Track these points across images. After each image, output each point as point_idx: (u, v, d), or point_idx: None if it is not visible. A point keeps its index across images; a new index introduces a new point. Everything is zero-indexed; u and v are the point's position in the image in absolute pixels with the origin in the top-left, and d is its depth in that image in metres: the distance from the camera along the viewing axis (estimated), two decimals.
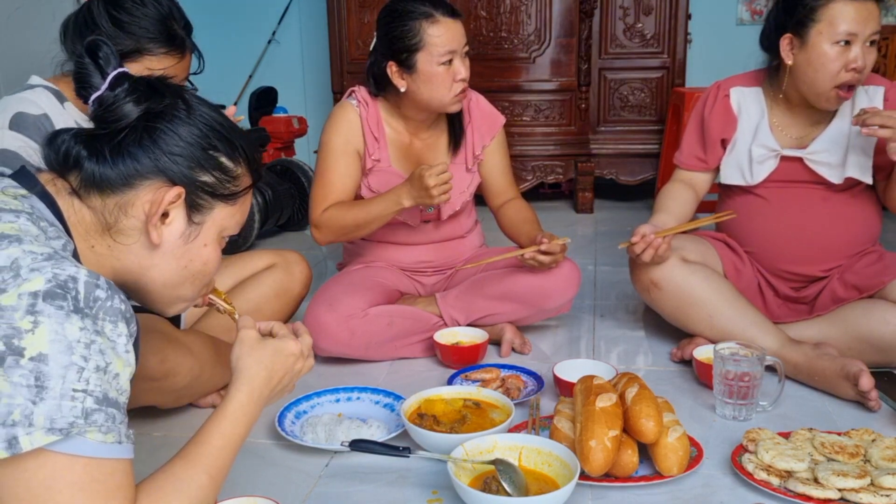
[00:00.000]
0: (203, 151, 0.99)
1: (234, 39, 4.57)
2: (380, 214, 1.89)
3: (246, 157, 1.04)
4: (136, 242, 0.97)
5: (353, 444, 1.36)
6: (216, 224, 1.02)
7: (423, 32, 1.84)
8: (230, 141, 1.02)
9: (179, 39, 1.58)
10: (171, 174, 0.96)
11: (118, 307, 0.85)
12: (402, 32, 1.86)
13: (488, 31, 3.66)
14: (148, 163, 0.95)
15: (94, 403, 0.81)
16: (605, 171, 3.81)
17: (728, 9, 4.17)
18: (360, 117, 1.97)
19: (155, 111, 0.97)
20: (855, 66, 1.70)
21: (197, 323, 1.84)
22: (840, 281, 1.87)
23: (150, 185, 0.96)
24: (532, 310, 1.99)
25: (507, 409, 1.53)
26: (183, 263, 1.01)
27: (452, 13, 1.88)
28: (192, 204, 0.99)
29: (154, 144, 0.96)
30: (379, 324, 1.90)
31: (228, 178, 1.02)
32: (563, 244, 1.89)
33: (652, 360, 1.95)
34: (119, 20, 1.52)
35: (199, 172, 0.98)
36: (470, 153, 2.05)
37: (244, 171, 1.04)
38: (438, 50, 1.85)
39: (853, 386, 1.61)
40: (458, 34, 1.88)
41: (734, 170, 1.94)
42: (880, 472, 1.28)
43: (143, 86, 0.98)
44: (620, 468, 1.33)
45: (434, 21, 1.84)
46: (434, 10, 1.85)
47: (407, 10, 1.86)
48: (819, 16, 1.71)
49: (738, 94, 1.94)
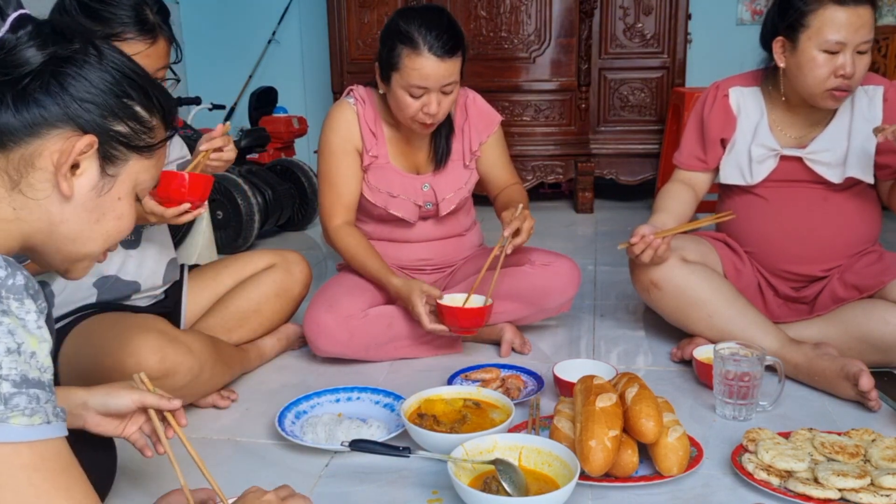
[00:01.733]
0: (117, 99, 0.93)
1: (235, 39, 4.57)
2: (371, 279, 1.96)
3: (161, 109, 0.98)
4: (47, 197, 0.91)
5: (353, 444, 1.36)
6: (131, 177, 0.97)
7: (402, 58, 1.80)
8: (145, 90, 0.96)
9: (150, 24, 1.53)
10: (82, 122, 0.90)
11: (21, 283, 0.81)
12: (388, 47, 1.83)
13: (488, 31, 3.67)
14: (56, 110, 0.89)
15: (13, 387, 0.78)
16: (605, 171, 3.81)
17: (728, 9, 4.18)
18: (357, 115, 1.97)
19: (62, 56, 0.90)
20: (843, 73, 1.69)
21: (197, 323, 1.85)
22: (840, 281, 1.87)
23: (59, 133, 0.89)
24: (532, 309, 1.99)
25: (507, 409, 1.53)
26: (95, 217, 0.95)
27: (444, 51, 1.78)
28: (106, 155, 0.93)
29: (63, 90, 0.89)
30: (379, 324, 1.90)
31: (144, 128, 0.96)
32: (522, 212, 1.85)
33: (652, 360, 1.95)
34: (88, 6, 1.48)
35: (112, 121, 0.92)
36: (467, 149, 2.06)
37: (159, 123, 0.99)
38: (410, 81, 1.81)
39: (853, 386, 1.61)
40: (440, 74, 1.79)
41: (734, 170, 1.94)
42: (880, 472, 1.28)
43: (48, 29, 0.91)
44: (620, 468, 1.33)
45: (416, 55, 1.78)
46: (421, 44, 1.77)
47: (400, 30, 1.80)
48: (809, 21, 1.70)
49: (738, 94, 1.94)
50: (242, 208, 3.06)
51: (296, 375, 1.89)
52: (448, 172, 2.02)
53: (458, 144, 2.05)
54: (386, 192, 1.98)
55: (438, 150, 2.02)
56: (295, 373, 1.91)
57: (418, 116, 1.85)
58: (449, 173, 2.02)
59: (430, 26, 1.78)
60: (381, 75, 1.89)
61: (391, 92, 1.87)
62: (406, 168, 2.02)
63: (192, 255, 2.55)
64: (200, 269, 1.97)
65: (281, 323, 1.97)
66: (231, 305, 1.85)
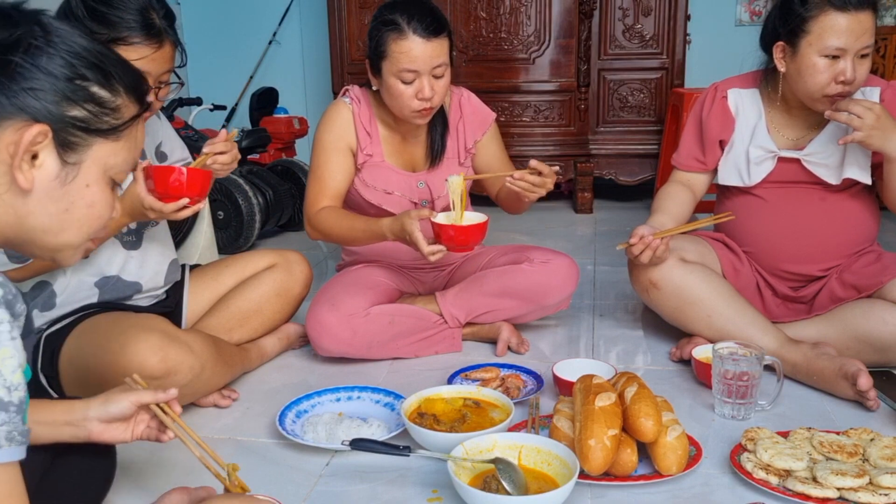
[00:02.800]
0: (69, 83, 0.87)
1: (235, 40, 4.58)
2: (363, 238, 1.91)
3: (125, 85, 0.93)
4: (8, 191, 0.87)
5: (354, 444, 1.37)
6: (98, 163, 0.92)
7: (389, 44, 1.81)
8: (101, 68, 0.90)
9: (156, 29, 1.53)
10: (33, 111, 0.85)
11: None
12: (374, 36, 1.84)
13: (488, 31, 3.67)
14: (3, 101, 0.84)
15: None
16: (604, 172, 3.81)
17: (727, 10, 4.18)
18: (353, 114, 1.98)
19: (6, 43, 0.85)
20: (843, 79, 1.69)
21: (198, 322, 1.85)
22: (839, 280, 1.87)
23: (9, 125, 0.85)
24: (531, 306, 2.00)
25: (506, 408, 1.54)
26: (63, 207, 0.90)
27: (429, 32, 1.79)
28: (64, 142, 0.88)
29: (9, 80, 0.84)
30: (380, 323, 1.91)
31: (106, 110, 0.91)
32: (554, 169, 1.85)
33: (651, 360, 1.95)
34: (95, 10, 1.48)
35: (67, 107, 0.87)
36: (462, 147, 2.06)
37: (126, 100, 0.93)
38: (398, 66, 1.81)
39: (852, 385, 1.62)
40: (427, 55, 1.79)
41: (732, 171, 1.94)
42: (879, 472, 1.29)
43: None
44: (620, 467, 1.34)
45: (402, 37, 1.79)
46: (405, 26, 1.79)
47: (383, 17, 1.82)
48: (809, 27, 1.70)
49: (736, 96, 1.94)
50: (243, 208, 3.06)
51: (296, 375, 1.90)
52: (443, 170, 2.03)
53: (453, 142, 2.06)
54: (381, 189, 1.99)
55: (433, 147, 2.02)
56: (295, 372, 1.91)
57: (413, 104, 1.84)
58: (444, 171, 2.02)
59: (411, 11, 1.80)
60: (372, 69, 1.89)
61: (384, 84, 1.87)
62: (401, 166, 2.02)
63: (193, 255, 2.56)
64: (201, 268, 1.97)
65: (282, 322, 1.98)
66: (232, 305, 1.86)
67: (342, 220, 1.92)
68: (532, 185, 1.83)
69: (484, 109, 2.10)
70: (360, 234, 1.90)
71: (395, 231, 1.80)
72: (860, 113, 1.66)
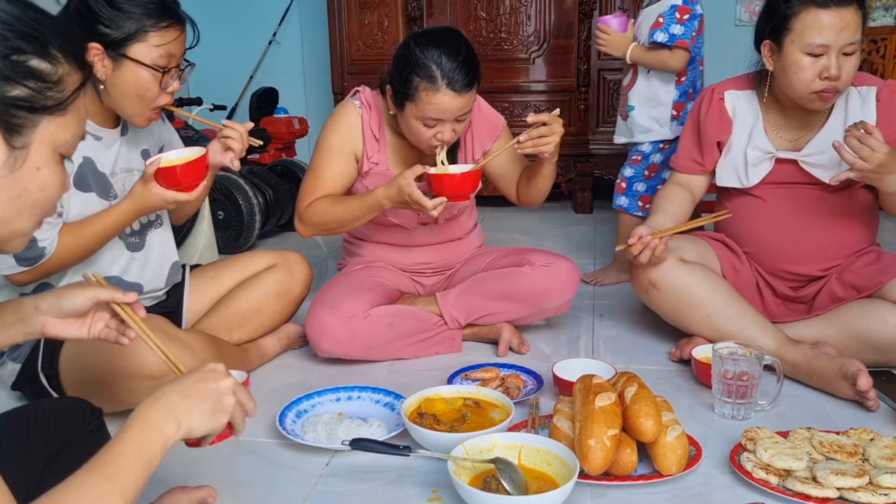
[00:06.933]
0: (4, 60, 0.79)
1: (235, 40, 4.57)
2: (361, 215, 1.89)
3: (66, 52, 0.84)
4: None
5: (354, 443, 1.37)
6: (46, 142, 0.84)
7: (419, 91, 1.76)
8: (37, 38, 0.81)
9: (174, 11, 1.55)
10: None
11: None
12: (404, 76, 1.78)
13: (488, 32, 3.67)
14: None
15: None
16: (604, 172, 3.81)
17: (726, 9, 4.18)
18: (361, 119, 1.97)
19: None
20: (828, 76, 1.69)
21: (198, 322, 1.85)
22: (838, 280, 1.88)
23: None
24: (532, 309, 2.00)
25: (506, 408, 1.54)
26: (14, 194, 0.83)
27: (462, 87, 1.76)
28: (8, 126, 0.80)
29: None
30: (380, 325, 1.90)
31: (48, 83, 0.82)
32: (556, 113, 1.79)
33: (651, 360, 1.95)
34: (114, 2, 1.49)
35: (6, 87, 0.79)
36: (469, 157, 2.05)
37: (68, 69, 0.84)
38: (424, 113, 1.78)
39: (851, 385, 1.62)
40: (456, 108, 1.77)
41: (730, 172, 1.95)
42: (878, 471, 1.29)
43: None
44: (619, 467, 1.34)
45: (433, 89, 1.75)
46: (439, 80, 1.74)
47: (418, 61, 1.76)
48: (792, 25, 1.70)
49: (733, 98, 1.94)
50: (243, 208, 3.06)
51: (296, 375, 1.90)
52: None
53: (461, 152, 2.05)
54: None
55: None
56: (295, 372, 1.92)
57: (431, 142, 1.84)
58: None
59: (447, 63, 1.74)
60: (395, 101, 1.85)
61: (404, 118, 1.85)
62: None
63: (193, 255, 2.56)
64: (202, 269, 1.97)
65: (282, 322, 1.98)
66: (232, 305, 1.86)
67: (334, 204, 1.91)
68: (542, 136, 1.79)
69: (494, 117, 2.08)
70: (357, 212, 1.89)
71: (392, 196, 1.80)
72: (866, 155, 1.60)
